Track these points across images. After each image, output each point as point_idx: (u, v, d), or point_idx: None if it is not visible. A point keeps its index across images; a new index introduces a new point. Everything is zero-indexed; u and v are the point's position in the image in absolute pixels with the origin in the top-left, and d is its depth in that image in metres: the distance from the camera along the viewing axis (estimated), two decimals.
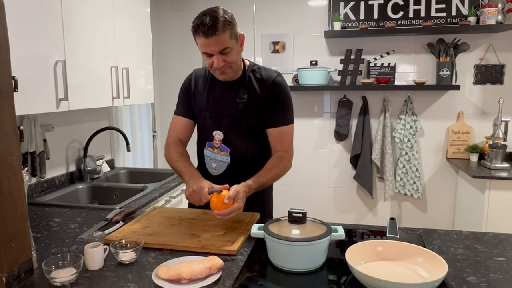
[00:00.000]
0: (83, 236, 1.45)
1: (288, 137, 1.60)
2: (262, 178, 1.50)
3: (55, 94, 1.71)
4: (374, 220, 3.23)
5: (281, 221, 1.28)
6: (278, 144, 1.59)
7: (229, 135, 1.58)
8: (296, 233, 1.19)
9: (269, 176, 1.53)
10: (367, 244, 1.21)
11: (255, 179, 1.48)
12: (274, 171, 1.55)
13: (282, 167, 1.57)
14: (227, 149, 1.60)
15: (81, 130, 2.40)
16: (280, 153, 1.58)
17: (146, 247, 1.31)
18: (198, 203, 1.43)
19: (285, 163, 1.58)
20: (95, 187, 2.27)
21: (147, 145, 3.33)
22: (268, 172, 1.53)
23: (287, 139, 1.60)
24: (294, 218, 1.23)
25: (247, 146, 1.60)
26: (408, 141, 3.04)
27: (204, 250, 1.30)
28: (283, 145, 1.59)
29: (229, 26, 1.40)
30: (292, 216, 1.23)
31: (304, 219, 1.22)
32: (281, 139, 1.59)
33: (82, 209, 1.79)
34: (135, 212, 1.69)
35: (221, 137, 1.59)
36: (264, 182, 1.51)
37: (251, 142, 1.61)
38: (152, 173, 2.64)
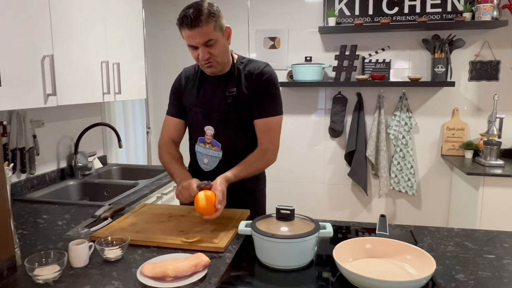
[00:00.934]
0: (70, 233, 1.43)
1: (274, 129, 1.57)
2: (242, 172, 1.50)
3: (42, 89, 1.69)
4: (369, 217, 3.22)
5: (269, 218, 1.26)
6: (264, 136, 1.57)
7: (220, 130, 1.57)
8: (284, 230, 1.18)
9: (250, 170, 1.53)
10: (356, 241, 1.20)
11: (235, 173, 1.47)
12: (256, 166, 1.55)
13: (265, 161, 1.57)
14: (219, 144, 1.58)
15: (72, 126, 2.38)
16: (265, 146, 1.56)
17: (133, 244, 1.29)
18: (187, 200, 1.43)
19: (269, 156, 1.57)
20: (86, 184, 2.25)
21: (140, 141, 3.31)
22: (250, 165, 1.53)
23: (274, 131, 1.57)
24: (282, 215, 1.21)
25: (238, 140, 1.59)
26: (403, 138, 3.02)
27: (191, 247, 1.28)
28: (269, 137, 1.56)
29: (213, 18, 1.39)
30: (280, 213, 1.21)
31: (292, 216, 1.21)
32: (267, 131, 1.56)
33: (71, 205, 1.77)
34: (124, 209, 1.68)
35: (212, 132, 1.58)
36: (244, 176, 1.50)
37: (242, 136, 1.59)
38: (145, 170, 2.62)
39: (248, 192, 1.67)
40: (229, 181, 1.44)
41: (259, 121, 1.57)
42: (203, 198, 1.34)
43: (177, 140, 1.70)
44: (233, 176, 1.45)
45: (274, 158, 1.60)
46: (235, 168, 1.49)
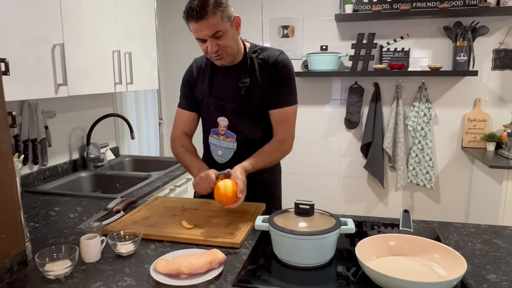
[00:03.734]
0: (82, 226, 1.40)
1: (290, 119, 1.53)
2: (260, 163, 1.46)
3: (53, 79, 1.65)
4: (385, 211, 3.14)
5: (287, 213, 1.21)
6: (280, 126, 1.52)
7: (234, 121, 1.52)
8: (303, 226, 1.12)
9: (267, 161, 1.49)
10: (379, 238, 1.13)
11: (253, 163, 1.43)
12: (273, 156, 1.51)
13: (282, 152, 1.53)
14: (233, 135, 1.53)
15: (84, 117, 2.35)
16: (281, 137, 1.52)
17: (146, 239, 1.25)
18: (205, 191, 1.38)
19: (286, 147, 1.53)
20: (98, 175, 2.22)
21: (153, 132, 3.28)
22: (267, 156, 1.49)
23: (290, 121, 1.53)
24: (301, 210, 1.15)
25: (253, 131, 1.54)
26: (421, 129, 2.92)
27: (206, 243, 1.24)
28: (285, 128, 1.53)
29: (220, 8, 1.32)
30: (298, 208, 1.16)
31: (311, 211, 1.15)
32: (284, 121, 1.52)
33: (83, 198, 1.74)
34: (137, 202, 1.64)
35: (226, 123, 1.53)
36: (261, 167, 1.47)
37: (257, 127, 1.54)
38: (157, 161, 2.59)
39: (263, 184, 1.62)
40: (247, 171, 1.40)
41: (275, 111, 1.51)
42: (224, 187, 1.30)
43: (190, 133, 1.66)
44: (250, 166, 1.41)
45: (290, 148, 1.55)
46: (252, 158, 1.45)
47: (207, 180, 1.36)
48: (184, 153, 1.57)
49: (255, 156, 1.46)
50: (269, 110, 1.51)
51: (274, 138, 1.52)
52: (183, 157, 1.57)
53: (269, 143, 1.51)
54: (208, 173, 1.37)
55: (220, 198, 1.31)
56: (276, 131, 1.53)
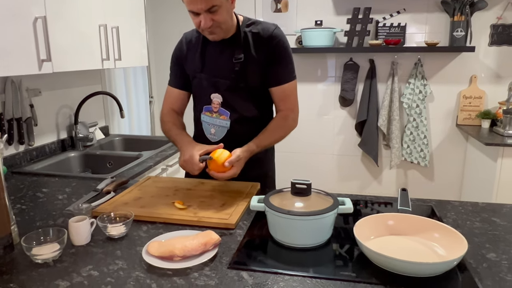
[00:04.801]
0: (71, 208, 1.35)
1: (292, 94, 1.50)
2: (265, 141, 1.44)
3: (36, 55, 1.56)
4: (379, 189, 3.14)
5: (283, 193, 1.17)
6: (283, 103, 1.49)
7: (228, 98, 1.46)
8: (300, 206, 1.08)
9: (273, 138, 1.47)
10: (377, 218, 1.11)
11: (257, 142, 1.41)
12: (278, 133, 1.48)
13: (287, 128, 1.50)
14: (227, 112, 1.48)
15: (71, 95, 2.27)
16: (285, 112, 1.49)
17: (137, 220, 1.22)
18: (193, 173, 1.34)
19: (290, 122, 1.50)
20: (88, 155, 2.16)
21: (143, 111, 3.20)
22: (272, 133, 1.46)
23: (292, 96, 1.50)
24: (297, 189, 1.12)
25: (248, 109, 1.49)
26: (416, 107, 2.89)
27: (200, 224, 1.20)
28: (288, 103, 1.49)
29: None
30: (295, 187, 1.12)
31: (308, 190, 1.11)
32: (285, 97, 1.49)
33: (72, 178, 1.69)
34: (128, 182, 1.59)
35: (219, 100, 1.47)
36: (267, 145, 1.45)
37: (252, 104, 1.49)
38: (149, 141, 2.53)
39: (257, 163, 1.58)
40: (252, 152, 1.38)
41: (276, 89, 1.47)
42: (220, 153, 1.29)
43: (179, 111, 1.61)
44: (255, 146, 1.38)
45: (295, 124, 1.52)
46: (257, 138, 1.42)
47: (191, 163, 1.33)
48: (170, 128, 1.54)
49: (260, 134, 1.43)
50: (269, 88, 1.47)
51: (277, 115, 1.50)
52: (170, 132, 1.53)
53: (273, 120, 1.49)
54: (192, 155, 1.34)
55: (210, 164, 1.30)
56: (279, 108, 1.50)
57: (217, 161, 1.28)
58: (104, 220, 1.15)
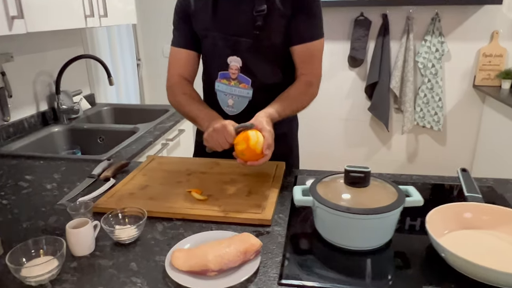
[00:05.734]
0: (64, 201, 1.11)
1: (317, 55, 1.25)
2: (287, 110, 1.19)
3: (4, 10, 1.25)
4: (388, 155, 2.97)
5: (332, 181, 0.95)
6: (306, 65, 1.24)
7: (250, 61, 1.20)
8: (359, 200, 0.87)
9: (295, 106, 1.23)
10: (451, 208, 0.91)
11: (280, 110, 1.15)
12: (301, 101, 1.24)
13: (310, 96, 1.26)
14: (248, 80, 1.22)
15: (49, 59, 1.94)
16: (308, 78, 1.25)
17: (149, 216, 0.99)
18: (220, 147, 1.08)
19: (314, 89, 1.27)
20: (74, 130, 1.88)
21: (131, 76, 2.88)
22: (295, 101, 1.22)
23: (317, 58, 1.25)
24: (353, 179, 0.90)
25: (273, 74, 1.24)
26: (432, 67, 2.67)
27: (227, 220, 0.99)
28: (312, 67, 1.25)
29: None
30: (349, 176, 0.90)
31: (367, 180, 0.90)
32: (310, 59, 1.24)
33: (60, 160, 1.42)
34: (129, 165, 1.34)
35: (239, 64, 1.21)
36: (288, 114, 1.21)
37: (277, 69, 1.25)
38: (141, 110, 2.25)
39: (282, 138, 1.36)
40: (274, 119, 1.12)
41: (299, 48, 1.21)
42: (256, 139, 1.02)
43: (190, 78, 1.33)
44: (277, 114, 1.13)
45: (317, 91, 1.28)
46: (277, 104, 1.17)
47: (224, 133, 1.06)
48: (188, 102, 1.24)
49: (281, 101, 1.19)
50: (292, 46, 1.21)
51: (300, 79, 1.25)
52: (188, 106, 1.24)
53: (295, 86, 1.24)
54: (225, 124, 1.06)
55: (244, 152, 1.03)
56: (301, 71, 1.25)
57: (255, 150, 1.03)
58: (109, 221, 0.92)
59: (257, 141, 1.02)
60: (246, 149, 1.02)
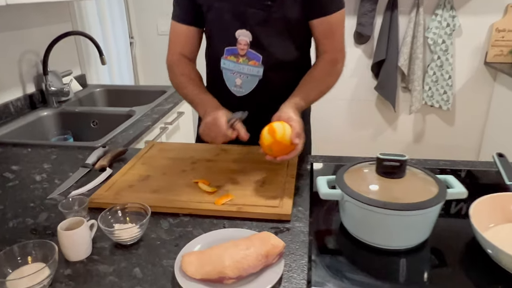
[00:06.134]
0: (55, 195, 0.99)
1: (340, 29, 1.12)
2: (312, 95, 1.07)
3: None
4: (394, 136, 2.87)
5: (360, 171, 0.84)
6: (328, 41, 1.11)
7: (261, 35, 1.07)
8: (393, 193, 0.76)
9: (321, 90, 1.10)
10: (497, 199, 0.81)
11: (304, 96, 1.04)
12: (327, 82, 1.11)
13: (336, 75, 1.13)
14: (258, 56, 1.09)
15: (35, 37, 1.78)
16: (332, 55, 1.12)
17: (152, 212, 0.87)
18: (218, 142, 1.01)
19: (339, 68, 1.14)
20: (65, 114, 1.74)
21: (124, 55, 2.71)
22: (320, 83, 1.10)
23: (339, 32, 1.12)
24: (387, 168, 0.78)
25: (286, 51, 1.12)
26: (442, 43, 2.53)
27: (241, 215, 0.88)
28: (335, 42, 1.12)
29: None
30: (383, 165, 0.79)
31: (403, 170, 0.78)
32: (332, 34, 1.10)
33: (50, 148, 1.29)
34: (126, 152, 1.22)
35: (248, 39, 1.07)
36: (314, 99, 1.09)
37: (292, 44, 1.12)
38: (136, 92, 2.11)
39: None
40: (300, 108, 1.01)
41: (320, 21, 1.08)
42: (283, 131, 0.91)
43: (191, 55, 1.20)
44: (303, 101, 1.02)
45: (343, 68, 1.15)
46: (301, 90, 1.06)
47: (216, 128, 0.98)
48: (186, 84, 1.15)
49: (305, 86, 1.07)
50: (311, 19, 1.07)
51: (323, 58, 1.12)
52: (184, 89, 1.15)
53: (318, 66, 1.11)
54: (216, 117, 0.98)
55: (272, 146, 0.92)
56: (324, 48, 1.11)
57: (283, 143, 0.90)
58: (108, 220, 0.81)
59: (284, 132, 0.90)
60: (273, 143, 0.91)
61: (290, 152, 0.91)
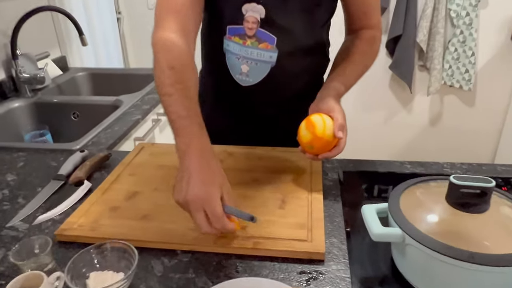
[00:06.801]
0: (16, 222, 0.77)
1: (377, 4, 0.93)
2: (352, 78, 0.88)
3: None
4: (408, 118, 2.64)
5: (422, 196, 0.62)
6: (365, 17, 0.92)
7: (277, 11, 0.83)
8: (476, 236, 0.54)
9: (357, 73, 0.90)
10: None
11: (345, 81, 0.85)
12: (365, 65, 0.91)
13: (374, 54, 0.94)
14: (272, 37, 0.85)
15: (2, 12, 1.51)
16: (371, 32, 0.92)
17: (141, 247, 0.66)
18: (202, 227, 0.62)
19: (377, 46, 0.95)
20: (41, 105, 1.49)
21: (110, 32, 2.42)
22: (358, 65, 0.90)
23: (377, 6, 0.93)
24: (464, 198, 0.56)
25: (310, 33, 0.89)
26: (466, 16, 2.27)
27: (259, 253, 0.67)
28: (372, 18, 0.92)
29: None
30: (459, 194, 0.57)
31: (486, 202, 0.56)
32: (370, 9, 0.91)
33: (17, 152, 1.06)
34: (109, 158, 0.99)
35: (259, 15, 0.83)
36: (353, 83, 0.89)
37: (316, 25, 0.89)
38: (125, 76, 1.86)
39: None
40: (341, 94, 0.84)
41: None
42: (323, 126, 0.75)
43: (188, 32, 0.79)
44: (343, 87, 0.84)
45: (379, 48, 0.95)
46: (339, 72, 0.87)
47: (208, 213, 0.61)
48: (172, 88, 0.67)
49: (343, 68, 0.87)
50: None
51: (360, 36, 0.92)
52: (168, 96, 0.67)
53: (355, 45, 0.91)
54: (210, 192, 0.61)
55: (313, 143, 0.76)
56: (361, 24, 0.92)
57: (324, 138, 0.75)
58: (79, 269, 0.59)
59: (325, 126, 0.75)
60: (314, 140, 0.76)
61: (333, 148, 0.76)
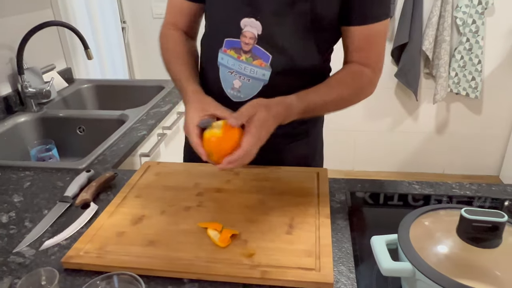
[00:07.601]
0: (23, 247, 0.77)
1: (380, 41, 0.88)
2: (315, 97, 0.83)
3: None
4: (414, 127, 2.63)
5: (432, 227, 0.62)
6: (359, 53, 0.87)
7: (274, 29, 0.83)
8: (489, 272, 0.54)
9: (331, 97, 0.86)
10: None
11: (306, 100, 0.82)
12: (340, 91, 0.87)
13: (357, 90, 0.89)
14: (267, 55, 0.85)
15: (9, 27, 1.52)
16: (359, 67, 0.88)
17: (148, 276, 0.65)
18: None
19: (363, 84, 0.90)
20: (47, 119, 1.50)
21: (115, 42, 2.43)
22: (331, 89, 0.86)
23: (379, 44, 0.88)
24: (476, 232, 0.56)
25: (306, 54, 0.88)
26: (472, 23, 2.25)
27: (266, 282, 0.66)
28: (370, 55, 0.88)
29: None
30: (471, 228, 0.56)
31: (499, 236, 0.55)
32: (369, 45, 0.87)
33: (23, 171, 1.07)
34: (115, 178, 0.99)
35: (257, 31, 0.83)
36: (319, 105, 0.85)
37: (313, 47, 0.87)
38: (130, 88, 1.86)
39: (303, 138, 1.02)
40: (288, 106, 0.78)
41: (359, 29, 0.84)
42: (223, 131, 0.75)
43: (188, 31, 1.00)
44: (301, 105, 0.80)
45: (372, 89, 0.93)
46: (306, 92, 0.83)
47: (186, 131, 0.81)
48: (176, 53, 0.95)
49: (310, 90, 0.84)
50: (348, 25, 0.84)
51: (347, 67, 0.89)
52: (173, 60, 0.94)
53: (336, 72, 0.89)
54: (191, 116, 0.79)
55: (209, 149, 0.76)
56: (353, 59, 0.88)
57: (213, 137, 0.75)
58: None
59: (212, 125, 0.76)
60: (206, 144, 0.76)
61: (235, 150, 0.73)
